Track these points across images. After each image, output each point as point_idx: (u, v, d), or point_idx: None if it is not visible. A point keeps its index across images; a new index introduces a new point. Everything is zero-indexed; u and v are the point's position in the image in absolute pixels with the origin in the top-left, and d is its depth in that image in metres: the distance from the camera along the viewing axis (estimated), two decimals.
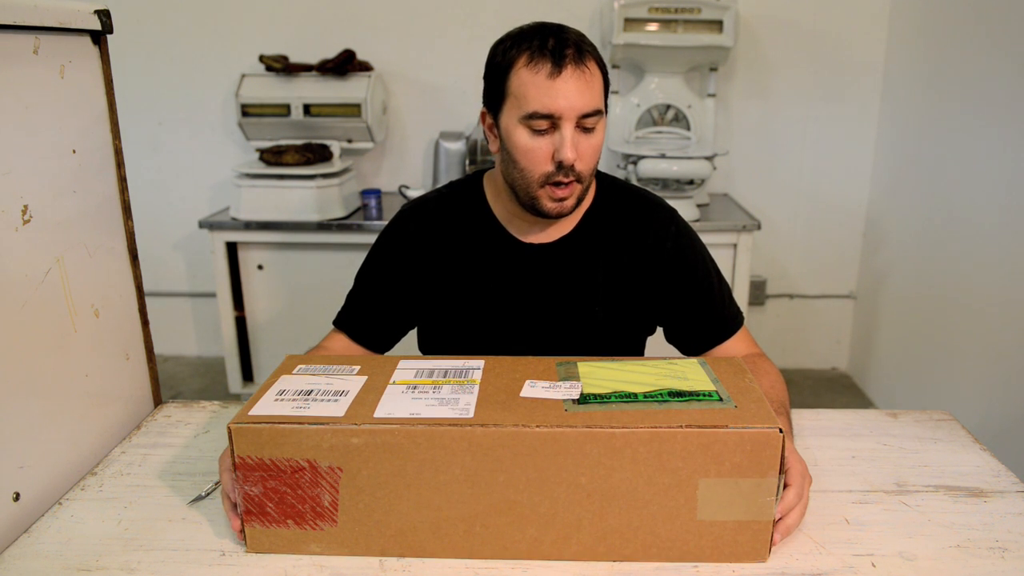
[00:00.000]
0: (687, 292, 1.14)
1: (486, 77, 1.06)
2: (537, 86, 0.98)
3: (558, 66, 0.97)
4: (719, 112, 2.80)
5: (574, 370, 0.87)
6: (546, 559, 0.80)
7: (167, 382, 2.95)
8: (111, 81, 1.07)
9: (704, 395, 0.80)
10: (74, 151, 1.00)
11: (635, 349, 1.21)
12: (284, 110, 2.58)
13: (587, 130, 1.01)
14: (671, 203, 1.19)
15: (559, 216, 1.06)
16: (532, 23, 1.03)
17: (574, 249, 1.13)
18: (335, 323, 1.21)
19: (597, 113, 1.01)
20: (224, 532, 0.85)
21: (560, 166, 1.00)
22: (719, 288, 1.16)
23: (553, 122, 0.99)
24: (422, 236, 1.16)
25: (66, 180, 0.98)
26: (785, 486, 0.84)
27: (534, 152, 1.01)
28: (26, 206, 0.90)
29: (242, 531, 0.82)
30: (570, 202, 1.05)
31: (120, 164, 1.10)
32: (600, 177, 1.18)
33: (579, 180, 1.03)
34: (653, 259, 1.13)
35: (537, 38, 1.00)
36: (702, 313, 1.15)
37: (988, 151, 2.11)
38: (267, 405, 0.80)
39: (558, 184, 1.02)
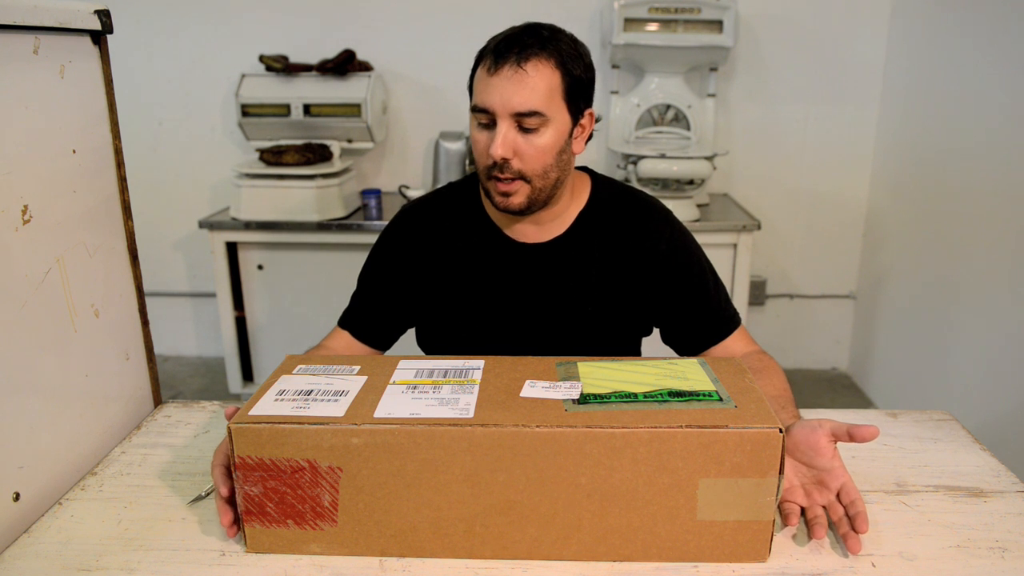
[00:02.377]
0: (682, 293, 1.14)
1: None
2: (480, 80, 1.02)
3: (496, 63, 1.00)
4: (719, 112, 2.80)
5: (574, 370, 0.87)
6: (546, 559, 0.80)
7: (167, 382, 2.95)
8: (111, 81, 1.07)
9: (704, 395, 0.80)
10: (74, 151, 1.00)
11: (631, 349, 1.21)
12: (284, 110, 2.58)
13: (527, 130, 1.01)
14: (671, 203, 1.19)
15: (508, 211, 1.07)
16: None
17: (568, 249, 1.13)
18: (339, 322, 1.22)
19: (533, 114, 1.00)
20: (224, 532, 0.85)
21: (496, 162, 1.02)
22: (715, 289, 1.16)
23: (491, 118, 1.01)
24: (420, 236, 1.17)
25: (66, 180, 0.98)
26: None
27: (478, 144, 1.05)
28: (26, 206, 0.90)
29: (233, 525, 0.82)
30: (516, 200, 1.05)
31: (120, 164, 1.10)
32: (595, 178, 1.18)
33: (524, 179, 1.03)
34: (648, 260, 1.13)
35: (503, 35, 1.02)
36: (698, 314, 1.15)
37: (988, 152, 2.12)
38: (267, 405, 0.80)
39: (497, 179, 1.04)
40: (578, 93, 1.05)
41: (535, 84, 0.99)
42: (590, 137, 1.11)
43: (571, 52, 1.03)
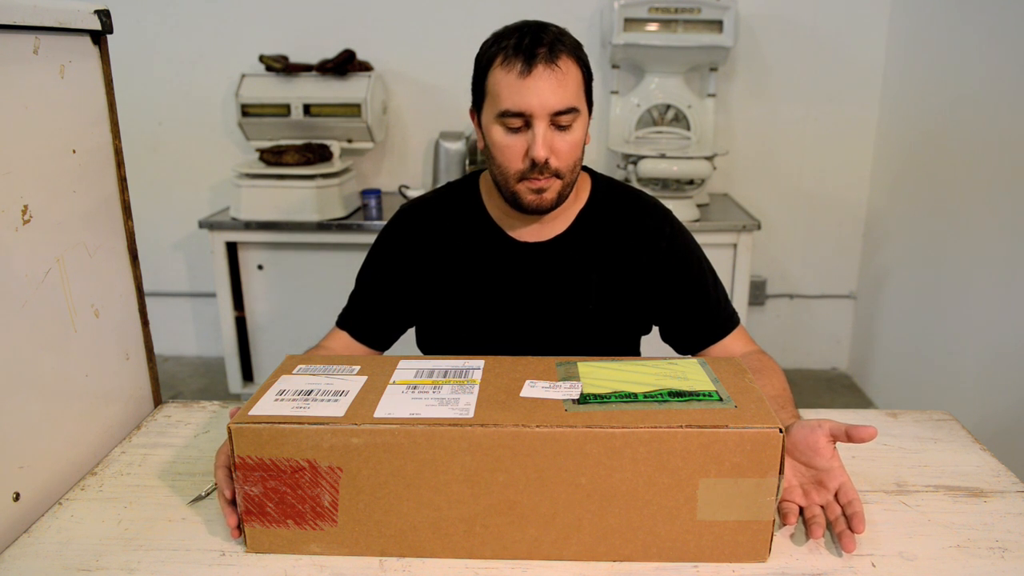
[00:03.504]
0: (681, 291, 1.14)
1: (472, 76, 1.07)
2: (509, 85, 1.00)
3: (529, 65, 0.99)
4: (719, 112, 2.80)
5: (574, 370, 0.87)
6: (546, 559, 0.80)
7: (167, 382, 2.95)
8: (111, 81, 1.07)
9: (704, 395, 0.80)
10: (74, 151, 1.00)
11: (630, 348, 1.21)
12: (284, 110, 2.58)
13: (562, 127, 1.02)
14: (671, 203, 1.19)
15: (539, 211, 1.07)
16: (516, 22, 1.04)
17: (568, 248, 1.13)
18: (337, 322, 1.22)
19: (570, 111, 1.01)
20: (225, 532, 0.85)
21: (534, 164, 1.01)
22: (714, 288, 1.16)
23: (526, 120, 1.01)
24: (419, 235, 1.17)
25: (66, 180, 0.98)
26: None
27: (509, 149, 1.03)
28: (26, 206, 0.90)
29: (237, 527, 0.82)
30: (549, 196, 1.05)
31: (120, 164, 1.10)
32: (595, 177, 1.18)
33: (558, 176, 1.04)
34: (647, 259, 1.13)
35: (514, 37, 1.01)
36: (697, 312, 1.15)
37: (988, 151, 2.11)
38: (267, 405, 0.80)
39: (534, 179, 1.04)
40: (590, 84, 1.07)
41: (567, 81, 1.00)
42: None
43: (578, 45, 1.05)
